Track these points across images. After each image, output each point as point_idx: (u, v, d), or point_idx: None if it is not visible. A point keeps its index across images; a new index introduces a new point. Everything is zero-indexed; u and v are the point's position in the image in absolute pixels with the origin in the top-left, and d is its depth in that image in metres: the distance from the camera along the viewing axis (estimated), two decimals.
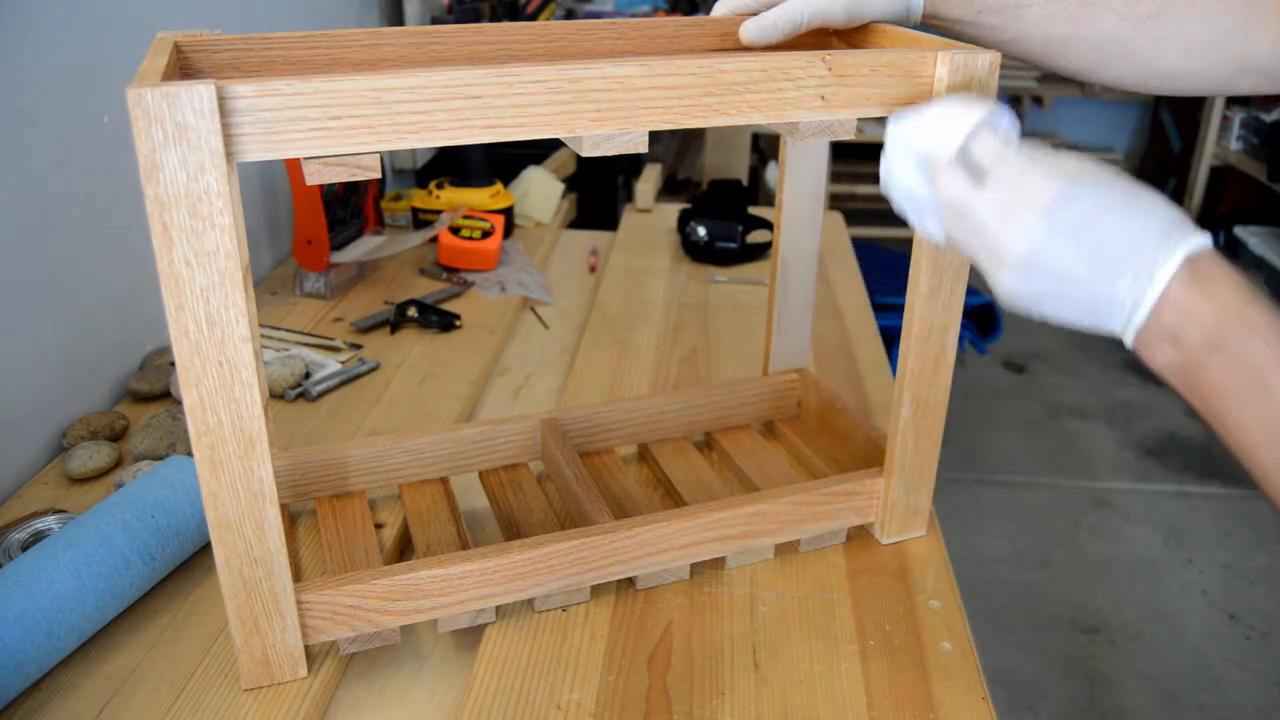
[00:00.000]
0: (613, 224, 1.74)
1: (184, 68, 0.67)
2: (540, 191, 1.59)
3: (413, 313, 1.19)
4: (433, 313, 1.19)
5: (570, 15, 2.68)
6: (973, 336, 2.33)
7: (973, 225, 0.56)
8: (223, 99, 0.52)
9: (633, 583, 0.76)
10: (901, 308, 0.76)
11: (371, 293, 1.30)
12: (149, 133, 0.51)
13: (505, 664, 0.69)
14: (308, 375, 1.07)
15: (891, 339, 1.13)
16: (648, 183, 1.68)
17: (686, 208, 1.53)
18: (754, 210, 1.50)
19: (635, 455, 0.96)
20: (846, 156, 3.83)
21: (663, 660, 0.70)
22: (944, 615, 0.75)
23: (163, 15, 1.09)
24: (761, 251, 1.45)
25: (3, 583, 0.65)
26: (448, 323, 1.19)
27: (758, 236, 1.45)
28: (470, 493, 0.89)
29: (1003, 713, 1.77)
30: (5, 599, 0.64)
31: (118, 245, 1.03)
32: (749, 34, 0.75)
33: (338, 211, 1.29)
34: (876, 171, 0.66)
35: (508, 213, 1.48)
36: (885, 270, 2.06)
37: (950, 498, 2.36)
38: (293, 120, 0.54)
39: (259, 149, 0.54)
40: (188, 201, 0.53)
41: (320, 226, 1.23)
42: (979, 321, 2.35)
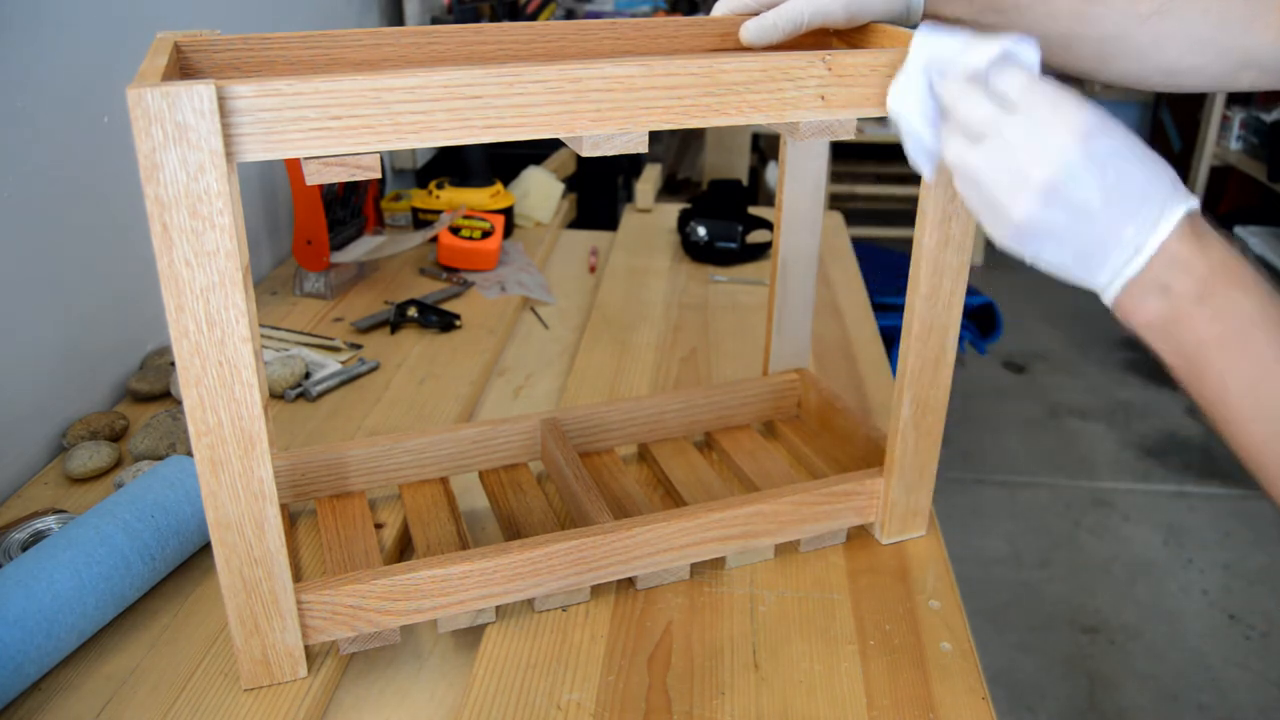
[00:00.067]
0: (613, 224, 1.74)
1: (184, 68, 0.67)
2: (540, 191, 1.59)
3: (413, 313, 1.19)
4: (433, 313, 1.19)
5: (570, 15, 2.68)
6: (973, 336, 2.33)
7: (994, 149, 0.55)
8: (223, 99, 0.52)
9: (633, 583, 0.76)
10: (901, 308, 0.76)
11: (371, 293, 1.30)
12: (149, 133, 0.51)
13: (505, 664, 0.69)
14: (308, 375, 1.07)
15: (891, 339, 1.14)
16: (648, 183, 1.68)
17: (686, 208, 1.53)
18: (754, 210, 1.50)
19: (635, 455, 0.96)
20: (846, 156, 3.83)
21: (663, 660, 0.70)
22: (944, 615, 0.75)
23: (163, 15, 1.09)
24: (761, 251, 1.45)
25: (3, 583, 0.65)
26: (448, 323, 1.19)
27: (758, 236, 1.45)
28: (470, 493, 0.89)
29: (1003, 713, 1.77)
30: (5, 599, 0.64)
31: (118, 245, 1.03)
32: (749, 34, 0.75)
33: (338, 211, 1.29)
34: (876, 171, 0.66)
35: (508, 213, 1.48)
36: (885, 270, 2.06)
37: (950, 498, 2.36)
38: (293, 120, 0.54)
39: (259, 149, 0.55)
40: (188, 201, 0.53)
41: (320, 226, 1.23)
42: (979, 321, 2.35)
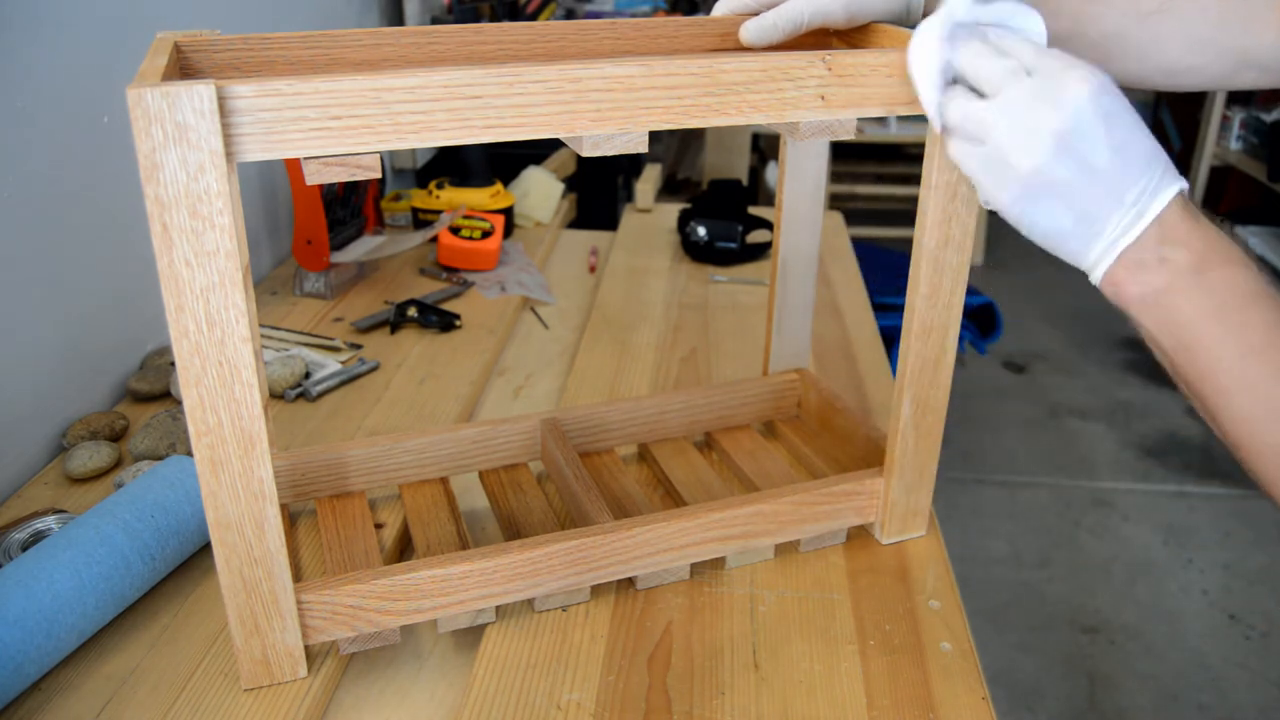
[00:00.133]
0: (613, 224, 1.74)
1: (184, 68, 0.67)
2: (540, 191, 1.59)
3: (413, 313, 1.19)
4: (433, 313, 1.19)
5: (570, 15, 2.68)
6: (973, 336, 2.33)
7: (1008, 100, 0.56)
8: (223, 99, 0.52)
9: (633, 583, 0.76)
10: (901, 308, 0.75)
11: (371, 293, 1.30)
12: (149, 133, 0.51)
13: (505, 664, 0.69)
14: (308, 375, 1.07)
15: (891, 339, 1.13)
16: (648, 183, 1.68)
17: (686, 208, 1.53)
18: (754, 210, 1.50)
19: (635, 455, 0.95)
20: (846, 156, 3.82)
21: (663, 660, 0.70)
22: (944, 615, 0.75)
23: (163, 15, 1.09)
24: (761, 251, 1.45)
25: (3, 583, 0.65)
26: (448, 323, 1.19)
27: (758, 236, 1.45)
28: (470, 493, 0.89)
29: (1003, 713, 1.77)
30: (5, 599, 0.64)
31: (118, 245, 1.03)
32: (749, 34, 0.75)
33: (338, 211, 1.29)
34: (876, 171, 0.66)
35: (508, 213, 1.48)
36: (885, 270, 2.06)
37: (950, 498, 2.36)
38: (293, 120, 0.54)
39: (259, 149, 0.54)
40: (188, 201, 0.53)
41: (320, 226, 1.23)
42: (979, 321, 2.35)
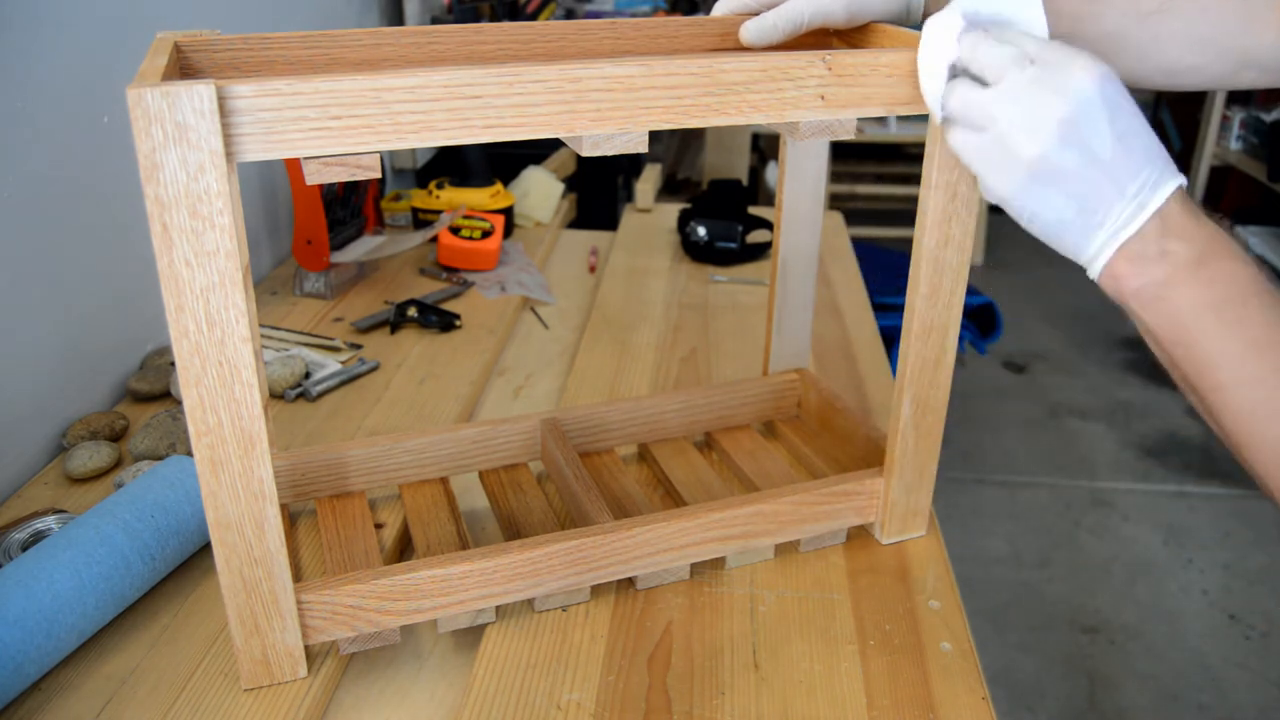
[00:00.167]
0: (613, 224, 1.74)
1: (184, 68, 0.67)
2: (540, 191, 1.59)
3: (413, 313, 1.19)
4: (433, 313, 1.19)
5: (570, 15, 2.68)
6: (973, 336, 2.33)
7: (1013, 87, 0.57)
8: (223, 99, 0.52)
9: (633, 583, 0.76)
10: (901, 308, 0.75)
11: (371, 293, 1.30)
12: (149, 133, 0.51)
13: (505, 664, 0.69)
14: (308, 375, 1.07)
15: (891, 339, 1.13)
16: (648, 183, 1.68)
17: (686, 208, 1.53)
18: (754, 210, 1.50)
19: (635, 455, 0.95)
20: (846, 156, 3.82)
21: (663, 660, 0.70)
22: (944, 615, 0.75)
23: (163, 15, 1.09)
24: (761, 251, 1.45)
25: (3, 583, 0.65)
26: (448, 323, 1.19)
27: (758, 236, 1.45)
28: (470, 493, 0.89)
29: (1003, 713, 1.77)
30: (5, 599, 0.64)
31: (118, 245, 1.03)
32: (749, 34, 0.75)
33: (338, 211, 1.29)
34: (876, 171, 0.66)
35: (508, 213, 1.48)
36: (885, 270, 2.06)
37: (950, 498, 2.36)
38: (293, 120, 0.54)
39: (259, 149, 0.54)
40: (188, 201, 0.53)
41: (320, 226, 1.23)
42: (979, 321, 2.35)
